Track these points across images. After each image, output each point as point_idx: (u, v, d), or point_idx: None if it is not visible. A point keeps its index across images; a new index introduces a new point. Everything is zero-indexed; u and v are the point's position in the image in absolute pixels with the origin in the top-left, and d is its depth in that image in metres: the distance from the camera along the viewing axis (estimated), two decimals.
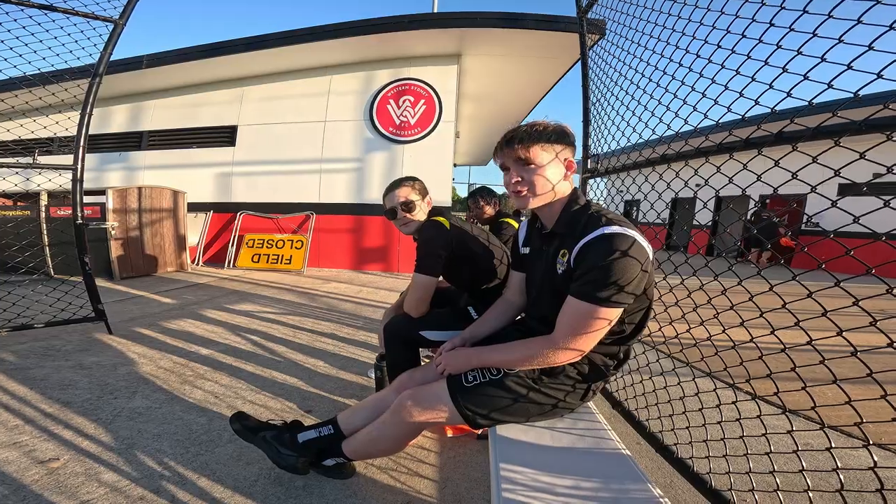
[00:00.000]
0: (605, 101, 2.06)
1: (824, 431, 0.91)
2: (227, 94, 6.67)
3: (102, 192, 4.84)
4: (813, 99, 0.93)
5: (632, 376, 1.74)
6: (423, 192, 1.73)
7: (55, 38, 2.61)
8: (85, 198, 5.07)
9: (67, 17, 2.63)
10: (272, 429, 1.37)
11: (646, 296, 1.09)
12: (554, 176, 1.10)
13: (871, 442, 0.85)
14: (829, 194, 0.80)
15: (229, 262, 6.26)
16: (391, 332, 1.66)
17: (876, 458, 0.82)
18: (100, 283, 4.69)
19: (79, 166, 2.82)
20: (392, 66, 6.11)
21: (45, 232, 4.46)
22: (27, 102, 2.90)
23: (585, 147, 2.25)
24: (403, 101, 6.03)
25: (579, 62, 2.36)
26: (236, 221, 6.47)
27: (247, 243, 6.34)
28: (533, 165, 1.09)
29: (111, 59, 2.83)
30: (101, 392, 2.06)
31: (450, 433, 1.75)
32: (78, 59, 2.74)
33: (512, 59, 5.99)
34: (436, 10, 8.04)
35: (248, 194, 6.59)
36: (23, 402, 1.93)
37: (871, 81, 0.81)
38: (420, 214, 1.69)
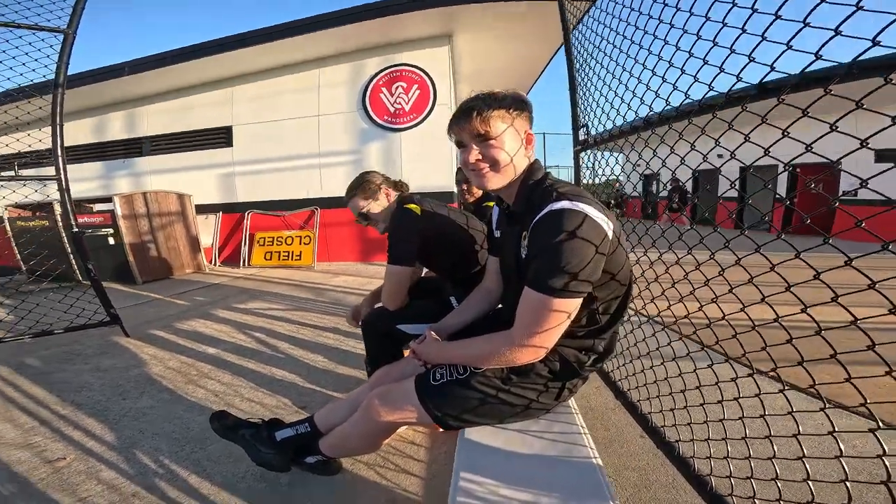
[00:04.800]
0: (595, 67, 1.87)
1: (825, 412, 0.77)
2: (218, 94, 6.63)
3: (110, 200, 4.99)
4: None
5: (634, 364, 1.60)
6: (375, 191, 1.63)
7: (3, 52, 2.61)
8: (95, 205, 5.23)
9: (11, 31, 2.60)
10: (251, 427, 1.37)
11: (617, 281, 0.98)
12: (513, 149, 1.01)
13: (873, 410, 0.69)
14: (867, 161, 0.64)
15: (244, 262, 6.41)
16: (368, 325, 1.63)
17: (886, 447, 0.70)
18: (123, 287, 4.91)
19: (62, 176, 2.86)
20: (381, 52, 5.94)
21: (64, 240, 4.65)
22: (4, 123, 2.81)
23: (575, 117, 2.10)
24: (396, 88, 5.88)
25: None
26: (245, 220, 6.58)
27: (258, 241, 6.46)
28: (492, 140, 1.00)
29: (91, 69, 2.85)
30: (112, 393, 2.15)
31: (440, 427, 1.72)
32: (34, 70, 2.74)
33: (504, 36, 5.71)
34: None
35: (253, 193, 6.65)
36: (41, 404, 2.04)
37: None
38: (384, 212, 1.64)
